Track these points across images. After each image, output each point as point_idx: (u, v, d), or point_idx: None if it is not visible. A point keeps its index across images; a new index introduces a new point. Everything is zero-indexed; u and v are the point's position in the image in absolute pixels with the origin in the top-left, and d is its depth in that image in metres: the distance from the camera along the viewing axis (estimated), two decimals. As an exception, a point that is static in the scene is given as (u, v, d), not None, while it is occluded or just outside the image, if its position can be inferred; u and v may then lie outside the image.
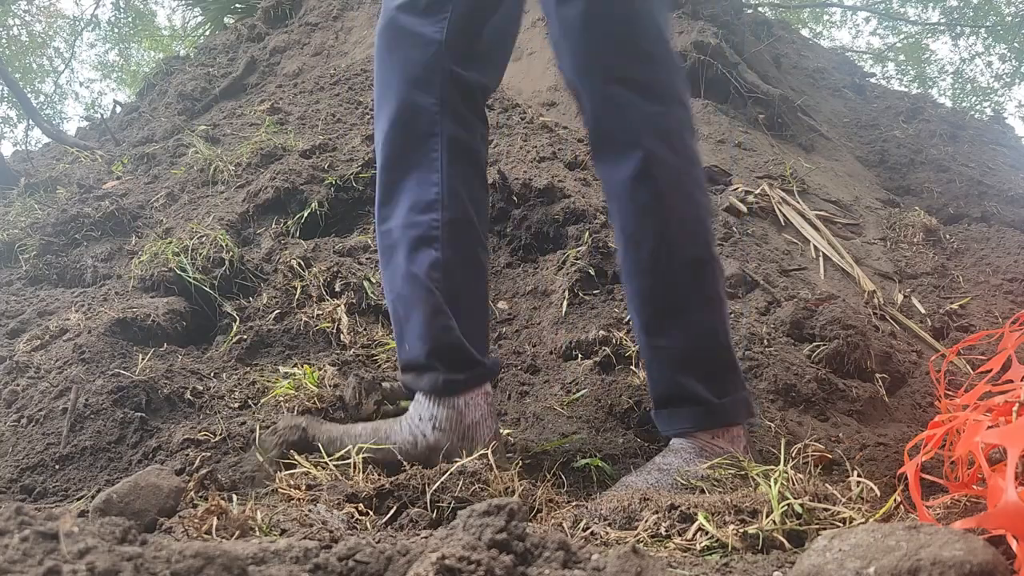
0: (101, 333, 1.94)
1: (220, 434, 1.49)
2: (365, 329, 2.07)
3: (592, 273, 2.27)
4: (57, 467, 1.46)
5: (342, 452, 1.37)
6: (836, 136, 4.61)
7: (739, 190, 3.28)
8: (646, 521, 1.19)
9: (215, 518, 1.05)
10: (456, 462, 1.28)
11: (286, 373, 1.83)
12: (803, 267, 2.91)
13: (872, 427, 2.05)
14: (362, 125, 3.25)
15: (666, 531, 1.17)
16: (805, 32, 11.13)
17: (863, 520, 1.21)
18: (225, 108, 3.92)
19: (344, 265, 2.21)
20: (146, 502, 1.15)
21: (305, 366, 1.83)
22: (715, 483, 1.33)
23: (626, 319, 2.10)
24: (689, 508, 1.20)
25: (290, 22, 4.67)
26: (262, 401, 1.69)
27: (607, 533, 1.18)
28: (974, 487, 1.32)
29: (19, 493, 1.41)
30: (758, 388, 2.06)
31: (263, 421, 1.55)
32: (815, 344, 2.26)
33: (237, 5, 5.81)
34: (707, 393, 1.41)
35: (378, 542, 0.75)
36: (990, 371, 1.70)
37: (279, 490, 1.28)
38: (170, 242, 2.39)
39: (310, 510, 1.16)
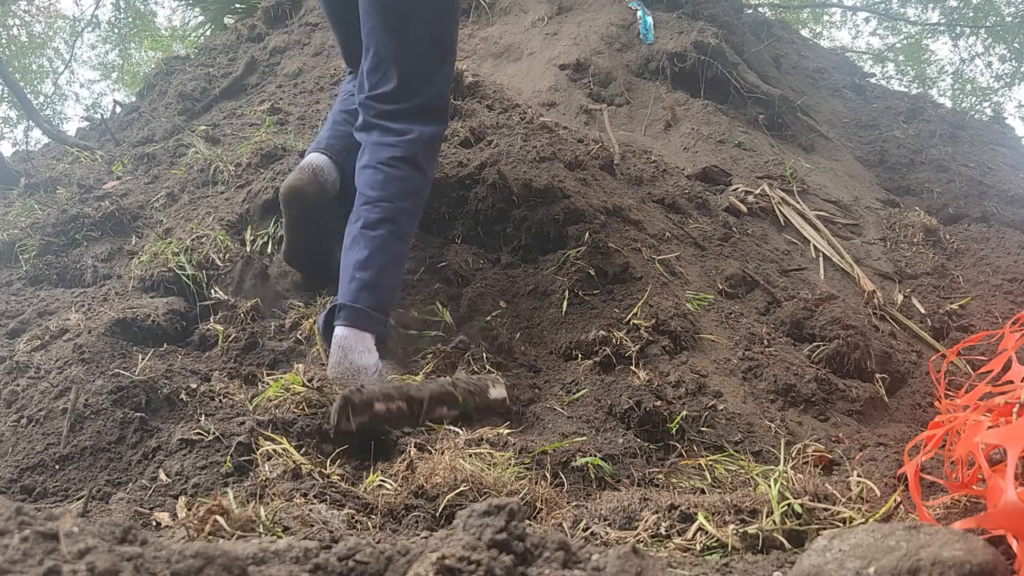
0: (101, 333, 1.94)
1: (212, 433, 1.49)
2: (365, 329, 2.07)
3: (592, 273, 2.26)
4: (57, 467, 1.46)
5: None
6: (836, 136, 4.61)
7: (739, 190, 3.28)
8: (646, 521, 1.19)
9: (216, 517, 1.05)
10: None
11: (276, 376, 1.83)
12: (803, 267, 2.91)
13: (872, 427, 2.05)
14: (362, 125, 3.23)
15: (666, 531, 1.17)
16: (805, 32, 11.14)
17: (863, 520, 1.21)
18: (225, 108, 3.91)
19: (344, 265, 2.20)
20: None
21: (296, 367, 1.83)
22: None
23: (626, 319, 2.09)
24: (689, 508, 1.20)
25: (290, 22, 4.66)
26: (256, 401, 1.69)
27: (607, 533, 1.18)
28: (974, 487, 1.32)
29: (19, 493, 1.41)
30: (758, 388, 2.06)
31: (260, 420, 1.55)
32: (815, 344, 2.26)
33: (237, 5, 5.80)
34: None
35: (378, 542, 0.75)
36: (990, 372, 1.70)
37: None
38: (170, 242, 2.39)
39: (311, 510, 1.16)
